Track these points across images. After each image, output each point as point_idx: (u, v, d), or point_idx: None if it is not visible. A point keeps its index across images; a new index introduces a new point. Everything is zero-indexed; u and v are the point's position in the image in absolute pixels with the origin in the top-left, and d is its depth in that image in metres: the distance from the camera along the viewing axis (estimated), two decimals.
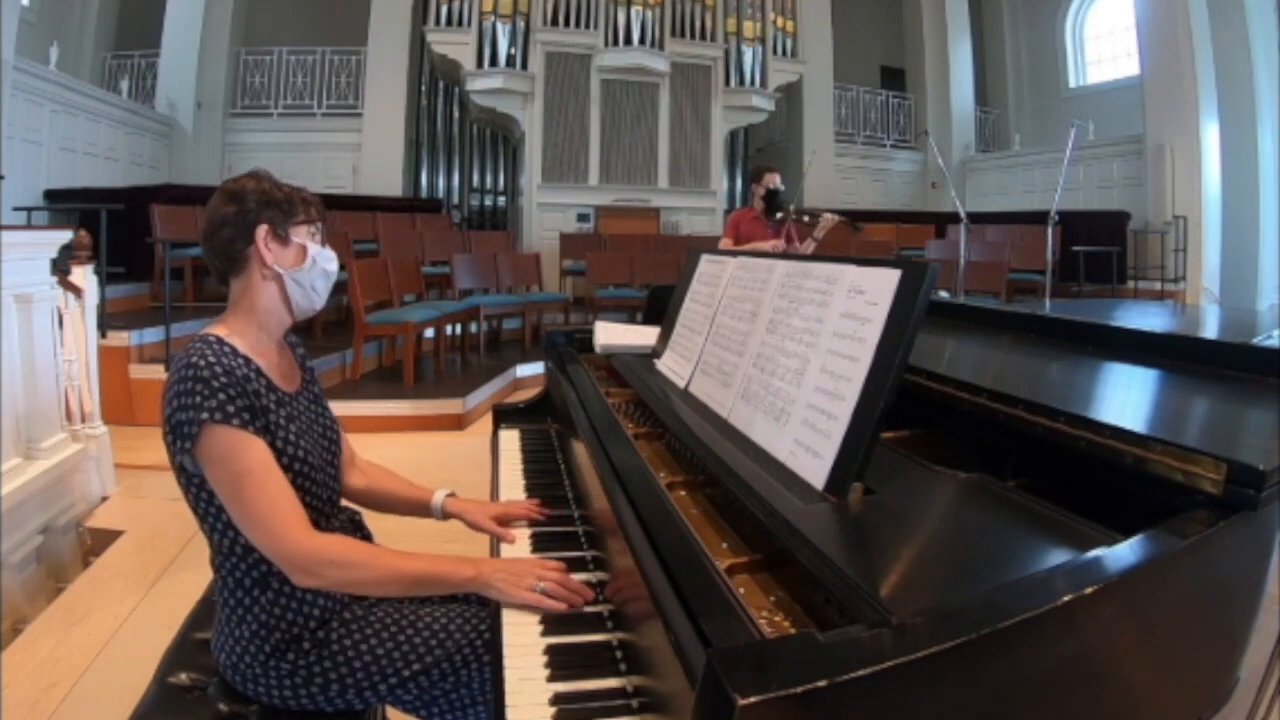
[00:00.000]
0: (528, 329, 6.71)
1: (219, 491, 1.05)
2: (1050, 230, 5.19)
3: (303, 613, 1.12)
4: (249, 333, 1.16)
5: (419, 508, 1.38)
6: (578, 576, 1.12)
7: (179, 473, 1.10)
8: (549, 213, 8.17)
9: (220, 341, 1.11)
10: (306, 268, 1.18)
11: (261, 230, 1.14)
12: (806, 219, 3.94)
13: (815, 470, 0.89)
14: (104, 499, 3.12)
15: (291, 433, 1.14)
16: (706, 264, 1.57)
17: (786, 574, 0.84)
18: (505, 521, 1.31)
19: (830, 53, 9.71)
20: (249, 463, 1.04)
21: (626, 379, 1.63)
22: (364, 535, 1.33)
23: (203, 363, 1.05)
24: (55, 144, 6.54)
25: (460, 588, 1.09)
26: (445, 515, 1.35)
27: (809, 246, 3.87)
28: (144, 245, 5.47)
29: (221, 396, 1.04)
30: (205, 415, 1.02)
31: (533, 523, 1.32)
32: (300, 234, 1.18)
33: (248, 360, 1.12)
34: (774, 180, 4.10)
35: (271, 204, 1.15)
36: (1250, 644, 0.84)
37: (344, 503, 1.32)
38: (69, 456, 2.87)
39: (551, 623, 1.01)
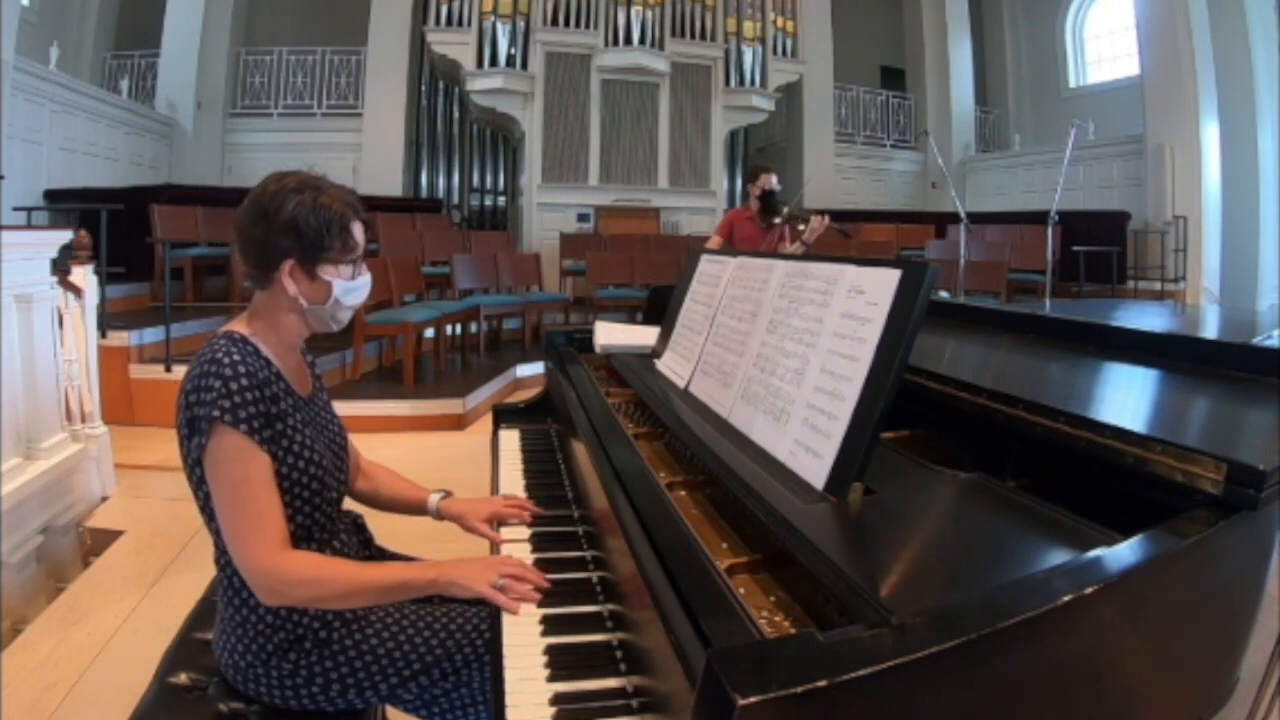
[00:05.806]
0: (528, 329, 6.71)
1: (213, 491, 1.06)
2: (1050, 230, 5.21)
3: (306, 613, 1.12)
4: (270, 339, 1.16)
5: (418, 508, 1.39)
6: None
7: (189, 467, 1.10)
8: (549, 213, 8.16)
9: (245, 340, 1.11)
10: (329, 306, 1.16)
11: (287, 264, 1.11)
12: (802, 226, 3.92)
13: (815, 470, 0.89)
14: (104, 499, 3.12)
15: (307, 436, 1.15)
16: (707, 264, 1.57)
17: (786, 574, 0.84)
18: (498, 521, 1.32)
19: (830, 53, 9.71)
20: (248, 471, 1.05)
21: (626, 379, 1.63)
22: (365, 538, 1.34)
23: (226, 360, 1.06)
24: (55, 144, 6.53)
25: (425, 590, 1.11)
26: (440, 517, 1.36)
27: (796, 249, 3.85)
28: (144, 245, 5.47)
29: (238, 399, 1.04)
30: (218, 413, 1.02)
31: (533, 522, 1.32)
32: (328, 271, 1.14)
33: (269, 363, 1.13)
34: (770, 181, 4.02)
35: (301, 237, 1.10)
36: (1250, 644, 0.84)
37: (346, 505, 1.32)
38: (69, 456, 2.87)
39: (551, 623, 1.01)
